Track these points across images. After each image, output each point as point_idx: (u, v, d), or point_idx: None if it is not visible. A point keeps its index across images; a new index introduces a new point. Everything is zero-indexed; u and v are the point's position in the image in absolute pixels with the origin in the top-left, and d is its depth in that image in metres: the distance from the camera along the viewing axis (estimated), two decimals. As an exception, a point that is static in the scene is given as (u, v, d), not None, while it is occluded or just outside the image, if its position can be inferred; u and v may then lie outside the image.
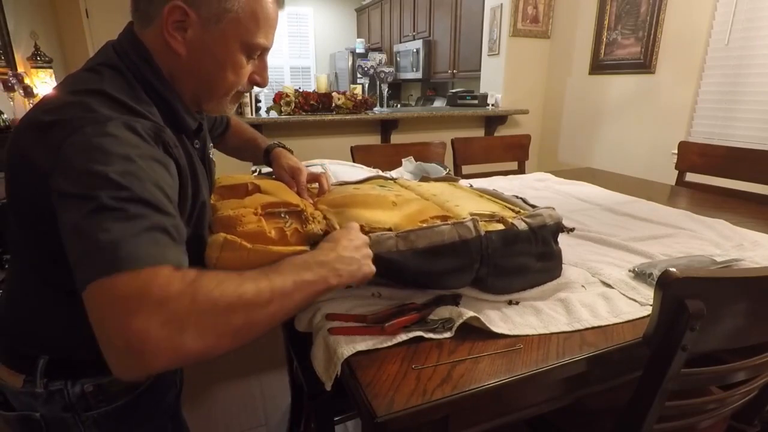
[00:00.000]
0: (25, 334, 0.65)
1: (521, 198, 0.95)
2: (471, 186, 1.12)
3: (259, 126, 2.44)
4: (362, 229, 0.75)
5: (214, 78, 0.67)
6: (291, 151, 1.02)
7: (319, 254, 0.63)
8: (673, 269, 0.57)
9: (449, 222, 0.76)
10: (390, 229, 0.75)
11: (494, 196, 1.00)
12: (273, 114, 2.57)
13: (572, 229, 0.91)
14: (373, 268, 0.67)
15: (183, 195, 0.62)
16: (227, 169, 1.01)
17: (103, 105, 0.56)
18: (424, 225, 0.76)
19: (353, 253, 0.65)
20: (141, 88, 0.63)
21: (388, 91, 3.87)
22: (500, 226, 0.78)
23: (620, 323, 0.74)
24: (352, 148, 1.80)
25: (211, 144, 0.85)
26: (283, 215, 0.77)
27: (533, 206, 0.90)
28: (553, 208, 0.86)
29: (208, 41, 0.64)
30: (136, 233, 0.47)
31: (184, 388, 0.86)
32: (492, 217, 0.81)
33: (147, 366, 0.44)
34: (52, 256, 0.56)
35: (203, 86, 0.68)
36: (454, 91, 3.43)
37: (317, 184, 0.96)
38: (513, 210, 0.89)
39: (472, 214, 0.79)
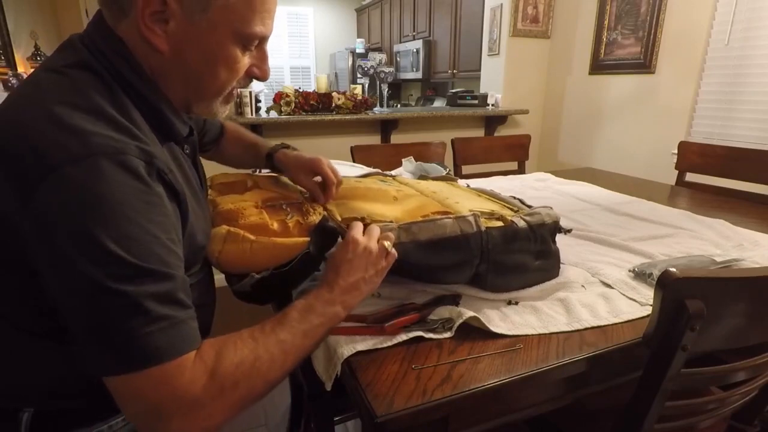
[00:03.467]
0: (3, 385, 0.57)
1: (518, 198, 0.95)
2: (468, 186, 1.12)
3: (259, 126, 2.44)
4: (363, 221, 0.74)
5: (205, 76, 0.58)
6: (295, 149, 0.93)
7: (323, 292, 0.62)
8: (673, 269, 0.57)
9: (451, 216, 0.76)
10: (391, 222, 0.75)
11: (492, 195, 1.00)
12: (273, 114, 2.57)
13: (569, 230, 0.91)
14: (377, 285, 0.67)
15: (183, 216, 0.56)
16: (225, 168, 1.00)
17: (80, 122, 0.46)
18: (427, 218, 0.76)
19: (358, 274, 0.64)
20: (120, 91, 0.54)
21: (388, 91, 3.87)
22: (500, 224, 0.78)
23: (620, 323, 0.74)
24: (352, 148, 1.80)
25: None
26: (284, 207, 0.77)
27: (530, 207, 0.90)
28: (551, 208, 0.86)
29: (195, 34, 0.54)
30: (150, 321, 0.45)
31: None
32: (492, 215, 0.81)
33: None
34: (23, 301, 0.51)
35: (192, 86, 0.59)
36: (454, 91, 3.43)
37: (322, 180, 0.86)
38: (511, 209, 0.89)
39: (472, 211, 0.79)
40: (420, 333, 0.67)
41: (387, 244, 0.67)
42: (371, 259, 0.65)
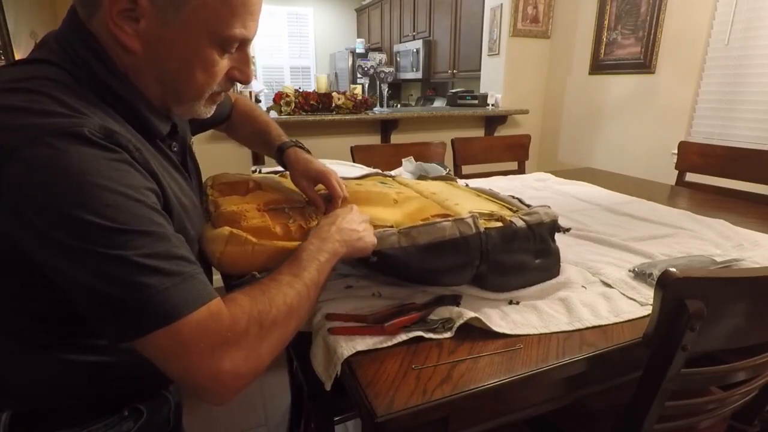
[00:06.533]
0: None
1: (517, 198, 0.95)
2: (467, 185, 1.12)
3: (259, 126, 2.44)
4: None
5: (181, 79, 0.56)
6: (308, 151, 0.89)
7: (321, 232, 0.67)
8: (673, 269, 0.57)
9: (450, 219, 0.76)
10: (392, 226, 0.75)
11: (491, 195, 1.00)
12: (273, 114, 2.57)
13: (568, 229, 0.91)
14: (374, 240, 0.70)
15: (167, 208, 0.55)
16: (225, 168, 1.00)
17: (25, 103, 0.45)
18: (426, 222, 0.76)
19: (353, 225, 0.69)
20: (94, 90, 0.52)
21: (388, 91, 3.87)
22: (499, 224, 0.78)
23: (620, 323, 0.74)
24: (352, 148, 1.80)
25: (192, 141, 0.77)
26: (286, 210, 0.78)
27: (528, 206, 0.90)
28: (549, 207, 0.86)
29: (169, 35, 0.51)
30: (162, 278, 0.45)
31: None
32: (491, 216, 0.82)
33: (238, 390, 0.50)
34: (13, 305, 0.51)
35: (168, 88, 0.57)
36: (454, 91, 3.43)
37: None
38: (510, 209, 0.89)
39: (471, 213, 0.79)
40: (420, 333, 0.67)
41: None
42: (365, 225, 0.72)
